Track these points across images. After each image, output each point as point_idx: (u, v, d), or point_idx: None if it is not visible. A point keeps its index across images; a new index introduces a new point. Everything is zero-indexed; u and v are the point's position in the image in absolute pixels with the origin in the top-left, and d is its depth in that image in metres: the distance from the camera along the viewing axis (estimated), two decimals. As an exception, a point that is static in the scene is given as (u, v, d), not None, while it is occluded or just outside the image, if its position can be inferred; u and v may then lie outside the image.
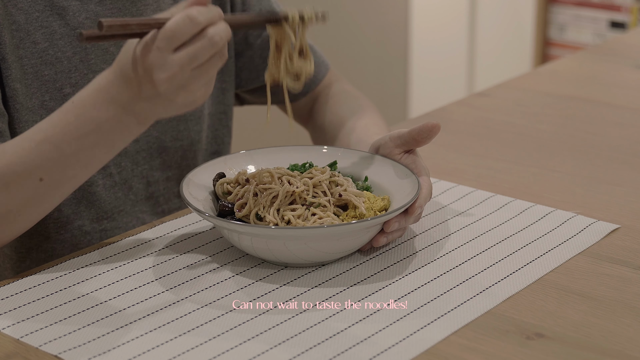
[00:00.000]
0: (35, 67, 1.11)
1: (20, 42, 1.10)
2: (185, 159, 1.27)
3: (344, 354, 0.85)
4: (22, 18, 1.10)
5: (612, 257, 1.03)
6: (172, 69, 0.89)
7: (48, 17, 1.11)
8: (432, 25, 3.58)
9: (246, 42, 1.32)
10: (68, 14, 1.13)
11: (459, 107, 1.61)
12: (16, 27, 1.09)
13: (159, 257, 1.03)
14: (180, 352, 0.85)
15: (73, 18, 1.13)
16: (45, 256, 1.18)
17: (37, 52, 1.11)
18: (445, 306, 0.93)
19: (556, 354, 0.85)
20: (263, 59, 1.33)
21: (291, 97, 1.36)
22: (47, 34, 1.11)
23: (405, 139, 1.08)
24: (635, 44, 2.07)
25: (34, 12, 1.11)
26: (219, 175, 1.08)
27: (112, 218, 1.20)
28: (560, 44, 3.45)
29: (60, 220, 1.17)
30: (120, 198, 1.21)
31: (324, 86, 1.37)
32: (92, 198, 1.18)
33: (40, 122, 0.98)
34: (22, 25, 1.10)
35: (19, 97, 1.10)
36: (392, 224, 1.00)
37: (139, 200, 1.23)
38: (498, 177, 1.27)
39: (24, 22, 1.10)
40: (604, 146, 1.40)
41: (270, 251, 0.98)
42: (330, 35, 3.16)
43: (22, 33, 1.10)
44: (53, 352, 0.85)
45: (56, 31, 1.12)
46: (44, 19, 1.11)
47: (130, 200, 1.22)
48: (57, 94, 1.13)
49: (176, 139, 1.24)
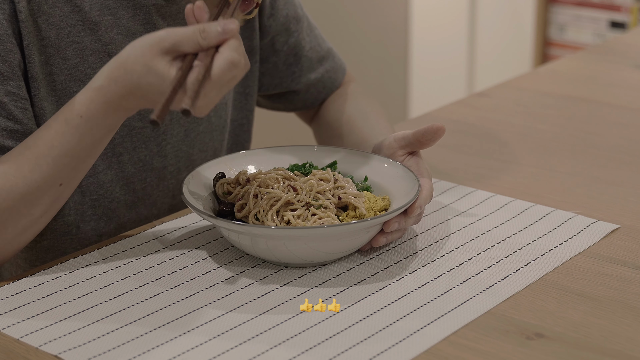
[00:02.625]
0: (65, 83, 1.09)
1: (49, 58, 1.07)
2: None
3: (344, 354, 0.85)
4: (54, 34, 1.07)
5: (612, 257, 1.03)
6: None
7: (80, 32, 1.08)
8: (432, 25, 3.58)
9: (273, 48, 1.30)
10: (100, 29, 1.09)
11: (459, 107, 1.61)
12: (46, 42, 1.07)
13: (159, 257, 1.03)
14: (180, 352, 0.85)
15: (105, 34, 1.10)
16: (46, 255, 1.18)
17: (67, 68, 1.08)
18: (445, 306, 0.93)
19: (556, 354, 0.85)
20: (287, 65, 1.31)
21: (309, 105, 1.36)
22: (78, 49, 1.09)
23: (409, 141, 1.08)
24: (635, 44, 2.07)
25: (65, 27, 1.07)
26: (219, 175, 1.08)
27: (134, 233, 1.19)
28: (560, 44, 3.45)
29: (79, 237, 1.16)
30: (142, 213, 1.19)
31: None
32: (112, 215, 1.17)
33: (49, 137, 0.98)
34: (52, 40, 1.07)
35: (46, 115, 1.08)
36: (392, 224, 1.00)
37: (162, 214, 1.22)
38: (498, 177, 1.27)
39: (54, 38, 1.07)
40: (604, 146, 1.40)
41: (270, 251, 0.98)
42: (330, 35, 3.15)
43: (53, 49, 1.07)
44: (53, 352, 0.85)
45: (87, 47, 1.09)
46: (76, 35, 1.08)
47: (153, 216, 1.20)
48: None
49: (202, 151, 1.23)
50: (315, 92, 1.34)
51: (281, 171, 1.05)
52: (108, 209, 1.16)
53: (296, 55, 1.31)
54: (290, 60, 1.31)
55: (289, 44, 1.30)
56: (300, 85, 1.33)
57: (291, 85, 1.33)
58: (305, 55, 1.31)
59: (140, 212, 1.19)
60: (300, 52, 1.31)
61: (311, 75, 1.32)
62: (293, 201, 1.01)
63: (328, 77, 1.34)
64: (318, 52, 1.33)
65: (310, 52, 1.32)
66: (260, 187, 1.03)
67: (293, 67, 1.31)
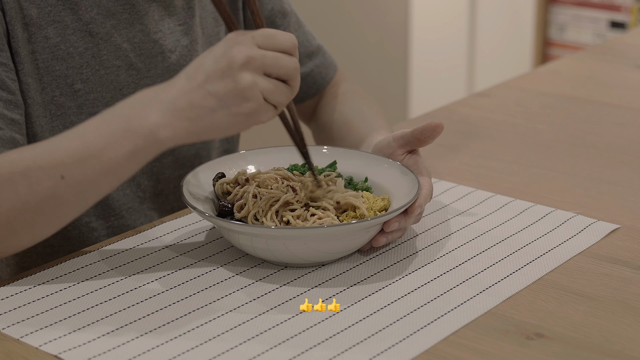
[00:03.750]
0: (47, 62, 1.11)
1: (32, 36, 1.09)
2: (198, 157, 1.26)
3: (344, 354, 0.85)
4: (35, 12, 1.09)
5: (612, 257, 1.03)
6: (255, 52, 0.90)
7: (60, 11, 1.11)
8: (432, 25, 3.58)
9: None
10: (80, 8, 1.12)
11: (459, 107, 1.61)
12: (28, 20, 1.08)
13: (159, 257, 1.03)
14: (180, 352, 0.85)
15: (85, 13, 1.12)
16: (51, 251, 1.18)
17: (48, 47, 1.10)
18: (445, 306, 0.93)
19: (556, 354, 0.85)
20: None
21: (299, 99, 1.37)
22: (59, 28, 1.11)
23: (408, 139, 1.08)
24: (635, 44, 2.07)
25: (46, 7, 1.10)
26: (219, 175, 1.08)
27: (120, 215, 1.20)
28: (560, 44, 3.45)
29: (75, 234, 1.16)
30: (128, 195, 1.20)
31: (331, 86, 1.38)
32: None
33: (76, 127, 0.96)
34: (34, 19, 1.09)
35: (30, 91, 1.09)
36: (392, 224, 1.00)
37: (147, 197, 1.23)
38: (498, 177, 1.27)
39: (36, 17, 1.09)
40: (604, 146, 1.40)
41: (270, 251, 0.98)
42: (330, 35, 3.16)
43: (35, 27, 1.09)
44: (53, 352, 0.85)
45: (68, 26, 1.11)
46: (57, 14, 1.10)
47: (138, 198, 1.21)
48: (67, 89, 1.12)
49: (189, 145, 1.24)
50: (304, 87, 1.35)
51: (280, 171, 1.05)
52: None
53: None
54: None
55: None
56: None
57: None
58: None
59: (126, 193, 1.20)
60: None
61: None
62: (292, 201, 1.01)
63: (318, 72, 1.35)
64: (307, 48, 1.35)
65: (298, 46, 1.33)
66: (259, 188, 1.03)
67: None
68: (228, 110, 0.91)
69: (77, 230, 1.18)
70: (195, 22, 1.22)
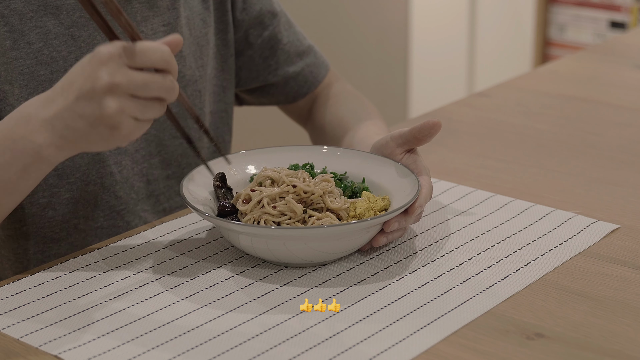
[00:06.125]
0: (31, 67, 1.11)
1: (14, 43, 1.10)
2: (185, 157, 1.26)
3: (344, 354, 0.85)
4: (16, 19, 1.09)
5: (612, 257, 1.03)
6: (121, 77, 0.86)
7: (42, 16, 1.11)
8: (432, 26, 3.58)
9: (247, 41, 1.32)
10: (62, 12, 1.12)
11: (459, 107, 1.61)
12: (9, 28, 1.09)
13: (159, 257, 1.03)
14: (180, 352, 0.85)
15: (67, 17, 1.12)
16: (42, 257, 1.18)
17: (32, 52, 1.11)
18: (445, 306, 0.93)
19: (556, 354, 0.85)
20: (263, 58, 1.33)
21: (291, 99, 1.37)
22: (41, 33, 1.11)
23: (406, 138, 1.08)
24: (635, 44, 2.07)
25: (27, 13, 1.10)
26: (219, 175, 1.08)
27: (114, 217, 1.20)
28: (560, 44, 3.45)
29: (57, 219, 1.17)
30: (121, 197, 1.20)
31: (323, 86, 1.38)
32: (88, 197, 1.18)
33: None
34: (16, 26, 1.09)
35: (8, 99, 1.10)
36: (392, 223, 1.00)
37: (140, 198, 1.23)
38: (498, 177, 1.27)
39: (17, 23, 1.09)
40: (604, 146, 1.40)
41: (270, 251, 0.98)
42: (331, 35, 3.16)
43: (17, 34, 1.10)
44: (53, 352, 0.85)
45: (51, 31, 1.12)
46: (38, 19, 1.11)
47: (132, 199, 1.22)
48: None
49: (175, 137, 1.24)
50: (295, 86, 1.36)
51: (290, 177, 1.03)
52: (85, 192, 1.17)
53: (272, 48, 1.34)
54: (266, 53, 1.33)
55: (263, 37, 1.32)
56: (277, 78, 1.35)
57: (268, 78, 1.35)
58: (282, 48, 1.34)
59: (119, 196, 1.20)
60: (276, 45, 1.34)
61: (289, 68, 1.34)
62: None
63: (309, 71, 1.36)
64: (297, 47, 1.35)
65: (287, 45, 1.34)
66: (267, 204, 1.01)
67: (269, 59, 1.34)
68: (99, 135, 0.90)
69: (68, 233, 1.18)
70: (181, 22, 1.22)
